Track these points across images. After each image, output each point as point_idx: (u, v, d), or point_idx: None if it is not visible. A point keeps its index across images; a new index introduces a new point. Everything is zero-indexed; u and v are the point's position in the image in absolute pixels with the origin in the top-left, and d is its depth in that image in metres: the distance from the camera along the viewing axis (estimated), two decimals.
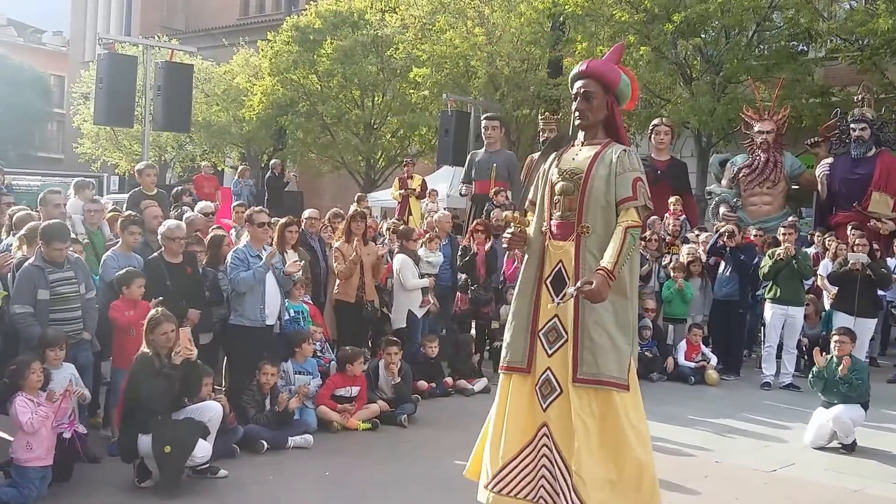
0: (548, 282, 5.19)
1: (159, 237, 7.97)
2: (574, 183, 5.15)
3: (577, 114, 5.28)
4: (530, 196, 5.53)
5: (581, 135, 5.35)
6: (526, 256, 5.36)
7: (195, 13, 40.93)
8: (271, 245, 8.70)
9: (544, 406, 5.13)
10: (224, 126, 27.32)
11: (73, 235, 7.73)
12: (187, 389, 6.58)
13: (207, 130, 27.32)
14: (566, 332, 5.09)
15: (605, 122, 5.30)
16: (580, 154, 5.26)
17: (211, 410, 6.66)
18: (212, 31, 35.61)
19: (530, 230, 5.39)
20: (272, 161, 21.72)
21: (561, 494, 4.99)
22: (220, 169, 28.42)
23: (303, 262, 9.12)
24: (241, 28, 34.70)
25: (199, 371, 6.81)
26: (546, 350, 5.16)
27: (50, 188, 9.18)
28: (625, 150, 5.17)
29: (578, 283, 4.87)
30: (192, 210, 10.71)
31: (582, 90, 5.23)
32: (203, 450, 6.37)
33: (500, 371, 5.45)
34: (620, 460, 4.96)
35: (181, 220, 8.80)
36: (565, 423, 5.03)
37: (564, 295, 4.96)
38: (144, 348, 6.48)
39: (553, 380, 5.11)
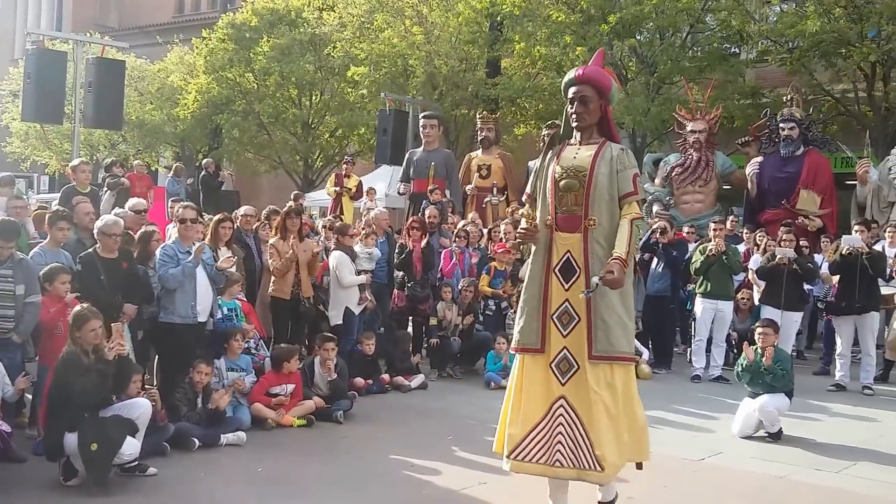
0: (556, 270, 5.61)
1: (95, 232, 7.86)
2: (579, 180, 5.56)
3: (574, 116, 5.66)
4: (528, 191, 5.97)
5: (578, 135, 5.73)
6: (533, 248, 5.77)
7: (129, 11, 40.21)
8: (202, 240, 8.62)
9: (563, 381, 5.57)
10: (158, 125, 26.89)
11: None
12: (117, 386, 6.49)
13: (141, 129, 26.88)
14: (577, 315, 5.55)
15: (599, 124, 5.71)
16: (580, 153, 5.65)
17: (139, 408, 6.57)
18: (146, 28, 35.03)
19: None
20: (205, 160, 21.42)
21: (581, 457, 5.47)
22: (153, 169, 27.98)
23: (235, 257, 9.01)
24: (176, 26, 34.16)
25: (131, 367, 6.75)
26: (561, 332, 5.59)
27: None
28: (622, 149, 5.66)
29: (601, 273, 5.31)
30: (120, 179, 10.69)
31: (579, 95, 5.61)
32: (131, 447, 6.28)
33: (512, 352, 5.91)
34: (630, 423, 5.55)
35: (111, 212, 8.72)
36: (584, 395, 5.50)
37: (589, 286, 5.37)
38: (70, 345, 6.36)
39: (570, 358, 5.57)
